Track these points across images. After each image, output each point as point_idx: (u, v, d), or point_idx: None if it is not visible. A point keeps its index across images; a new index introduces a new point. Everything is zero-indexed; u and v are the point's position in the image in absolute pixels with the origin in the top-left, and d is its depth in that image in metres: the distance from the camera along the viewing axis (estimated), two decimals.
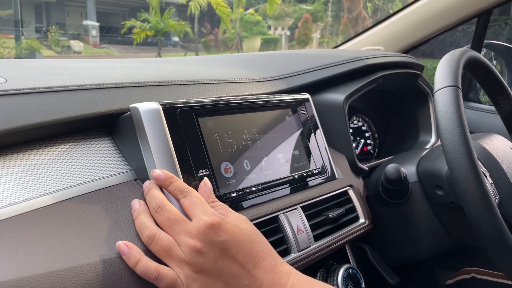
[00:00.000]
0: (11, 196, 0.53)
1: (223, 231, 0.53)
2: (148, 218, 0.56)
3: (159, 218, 0.55)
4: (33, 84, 0.61)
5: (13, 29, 12.25)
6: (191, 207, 0.56)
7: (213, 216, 0.54)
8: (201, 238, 0.52)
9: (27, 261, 0.46)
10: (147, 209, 0.57)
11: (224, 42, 17.10)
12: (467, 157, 0.66)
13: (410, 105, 1.23)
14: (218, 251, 0.52)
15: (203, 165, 0.64)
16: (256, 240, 0.56)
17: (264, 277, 0.53)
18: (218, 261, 0.52)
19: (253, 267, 0.53)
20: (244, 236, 0.54)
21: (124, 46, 16.28)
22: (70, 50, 14.84)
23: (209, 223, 0.53)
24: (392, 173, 0.85)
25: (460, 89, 0.72)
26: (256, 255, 0.54)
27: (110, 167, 0.63)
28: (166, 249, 0.53)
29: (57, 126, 0.59)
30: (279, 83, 0.91)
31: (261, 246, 0.56)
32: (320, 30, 17.88)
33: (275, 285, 0.53)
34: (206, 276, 0.52)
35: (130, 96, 0.67)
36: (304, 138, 0.82)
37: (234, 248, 0.53)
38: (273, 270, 0.54)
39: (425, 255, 0.93)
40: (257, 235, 0.57)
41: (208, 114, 0.69)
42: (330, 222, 0.78)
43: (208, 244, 0.52)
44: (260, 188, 0.70)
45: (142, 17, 14.46)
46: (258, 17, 17.87)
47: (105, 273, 0.49)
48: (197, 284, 0.51)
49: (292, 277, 0.55)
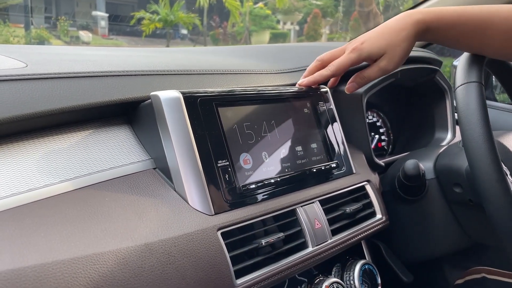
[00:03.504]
0: (32, 182, 0.52)
1: None
2: None
3: None
4: (54, 69, 0.60)
5: (22, 14, 12.27)
6: None
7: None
8: None
9: (48, 247, 0.46)
10: None
11: (232, 35, 17.05)
12: (489, 154, 0.65)
13: (426, 101, 1.21)
14: None
15: (222, 155, 0.64)
16: None
17: None
18: None
19: None
20: None
21: (133, 38, 16.26)
22: (79, 40, 14.85)
23: None
24: (410, 169, 0.84)
25: (483, 85, 0.70)
26: None
27: (129, 155, 0.63)
28: None
29: (77, 113, 0.59)
30: (298, 75, 0.90)
31: None
32: (329, 25, 17.77)
33: None
34: None
35: (150, 84, 0.67)
36: (322, 131, 0.81)
37: None
38: None
39: (440, 253, 0.92)
40: None
41: (228, 104, 0.68)
42: (347, 217, 0.77)
43: None
44: (278, 180, 0.69)
45: (151, 8, 14.43)
46: (267, 11, 17.78)
47: (125, 261, 0.49)
48: None
49: None
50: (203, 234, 0.56)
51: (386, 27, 0.72)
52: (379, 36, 0.72)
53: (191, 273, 0.53)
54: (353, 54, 0.72)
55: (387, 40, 0.71)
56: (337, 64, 0.74)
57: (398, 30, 0.71)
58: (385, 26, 0.72)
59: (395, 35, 0.71)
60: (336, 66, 0.74)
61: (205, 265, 0.55)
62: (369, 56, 0.73)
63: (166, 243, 0.53)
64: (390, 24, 0.72)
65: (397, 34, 0.71)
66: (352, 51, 0.72)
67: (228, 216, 0.60)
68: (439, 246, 0.91)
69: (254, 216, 0.63)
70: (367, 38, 0.72)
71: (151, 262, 0.51)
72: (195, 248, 0.55)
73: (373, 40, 0.72)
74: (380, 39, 0.72)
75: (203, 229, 0.57)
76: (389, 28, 0.72)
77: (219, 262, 0.56)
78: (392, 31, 0.71)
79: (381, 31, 0.72)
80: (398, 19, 0.72)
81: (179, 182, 0.60)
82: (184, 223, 0.56)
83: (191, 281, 0.53)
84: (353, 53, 0.72)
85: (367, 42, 0.72)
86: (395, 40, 0.71)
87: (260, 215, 0.64)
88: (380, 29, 0.73)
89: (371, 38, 0.72)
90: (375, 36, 0.72)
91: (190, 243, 0.54)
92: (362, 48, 0.72)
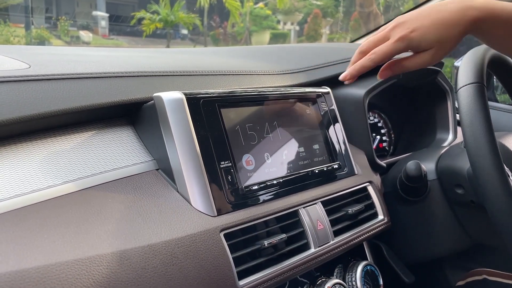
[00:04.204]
0: (35, 183, 0.52)
1: None
2: None
3: None
4: (57, 70, 0.60)
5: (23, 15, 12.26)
6: None
7: None
8: None
9: (52, 248, 0.46)
10: None
11: (233, 35, 17.05)
12: (491, 156, 0.65)
13: (427, 102, 1.22)
14: None
15: (225, 156, 0.64)
16: None
17: None
18: None
19: None
20: None
21: (133, 38, 16.26)
22: (79, 40, 14.84)
23: None
24: (412, 170, 0.84)
25: (485, 87, 0.71)
26: None
27: (132, 156, 0.63)
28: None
29: (80, 114, 0.59)
30: (300, 76, 0.90)
31: None
32: (329, 25, 17.77)
33: None
34: None
35: (153, 85, 0.67)
36: (324, 132, 0.81)
37: None
38: None
39: (442, 254, 0.92)
40: None
41: (231, 105, 0.68)
42: (349, 218, 0.77)
43: None
44: (281, 181, 0.69)
45: (152, 8, 14.43)
46: (267, 11, 17.78)
47: (129, 262, 0.49)
48: None
49: None
50: (206, 235, 0.56)
51: (439, 18, 0.65)
52: (431, 27, 0.65)
53: (194, 274, 0.53)
54: (401, 43, 0.66)
55: (439, 33, 0.65)
56: (381, 52, 0.67)
57: (452, 25, 0.65)
58: (438, 15, 0.65)
59: (448, 30, 0.65)
60: (379, 55, 0.67)
61: (208, 266, 0.55)
62: (417, 48, 0.66)
63: (169, 244, 0.53)
64: (443, 15, 0.65)
65: (451, 29, 0.65)
66: (399, 40, 0.65)
67: (230, 217, 0.60)
68: (441, 247, 0.91)
69: (256, 217, 0.63)
70: (418, 26, 0.65)
71: (154, 263, 0.51)
72: (198, 249, 0.55)
73: (425, 30, 0.65)
74: (432, 30, 0.65)
75: (206, 230, 0.57)
76: (442, 20, 0.65)
77: (222, 263, 0.56)
78: (446, 24, 0.65)
79: (433, 22, 0.65)
80: (453, 12, 0.65)
81: (181, 183, 0.60)
82: (187, 224, 0.56)
83: (194, 282, 0.53)
84: (401, 42, 0.65)
85: (418, 31, 0.65)
86: (447, 35, 0.65)
87: (263, 216, 0.64)
88: (433, 18, 0.65)
89: (422, 27, 0.65)
90: (427, 26, 0.65)
91: (193, 244, 0.54)
92: (412, 38, 0.65)
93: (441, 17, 0.65)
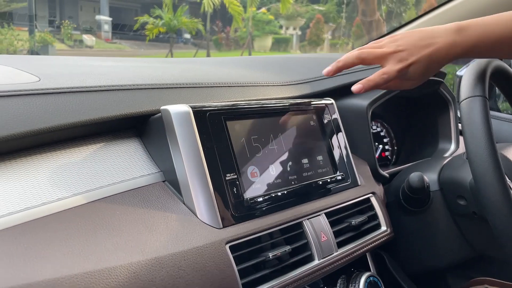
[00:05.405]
0: (45, 195, 0.53)
1: None
2: None
3: None
4: (66, 84, 0.62)
5: (27, 22, 12.34)
6: None
7: None
8: None
9: (62, 261, 0.46)
10: None
11: (235, 40, 17.11)
12: (494, 168, 0.66)
13: (430, 112, 1.22)
14: None
15: (230, 168, 0.65)
16: None
17: None
18: None
19: None
20: None
21: (136, 42, 16.34)
22: (83, 44, 14.92)
23: None
24: (415, 181, 0.85)
25: (487, 99, 0.71)
26: None
27: (139, 168, 0.64)
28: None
29: (88, 127, 0.60)
30: (304, 87, 0.91)
31: None
32: (331, 31, 17.81)
33: None
34: None
35: (160, 97, 0.68)
36: (328, 144, 0.82)
37: None
38: None
39: (444, 265, 0.93)
40: None
41: (236, 117, 0.69)
42: (352, 229, 0.78)
43: None
44: (285, 193, 0.70)
45: (155, 13, 14.51)
46: (270, 17, 17.85)
47: (136, 275, 0.50)
48: None
49: None
50: (212, 248, 0.57)
51: (430, 53, 0.67)
52: (423, 61, 0.67)
53: (201, 287, 0.54)
54: (399, 74, 0.67)
55: (428, 68, 0.68)
56: (384, 80, 0.68)
57: (439, 62, 0.68)
58: (430, 50, 0.67)
59: (435, 65, 0.68)
60: (379, 83, 0.68)
61: (214, 279, 0.56)
62: (406, 78, 0.69)
63: (176, 256, 0.53)
64: (432, 51, 0.67)
65: (438, 65, 0.68)
66: (399, 72, 0.67)
67: (236, 230, 0.61)
68: (443, 258, 0.91)
69: (261, 229, 0.64)
70: (415, 60, 0.67)
71: (161, 276, 0.51)
72: (204, 261, 0.55)
73: (419, 65, 0.67)
74: (423, 65, 0.67)
75: (212, 243, 0.57)
76: (431, 56, 0.67)
77: (228, 275, 0.57)
78: (434, 60, 0.67)
79: (425, 57, 0.67)
80: (440, 48, 0.67)
81: (188, 195, 0.61)
82: (193, 237, 0.57)
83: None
84: (399, 73, 0.67)
85: (414, 66, 0.67)
86: (433, 70, 0.69)
87: (267, 228, 0.65)
88: (426, 53, 0.67)
89: (418, 62, 0.67)
90: (421, 61, 0.67)
91: (200, 257, 0.55)
92: (408, 71, 0.68)
93: (430, 53, 0.67)
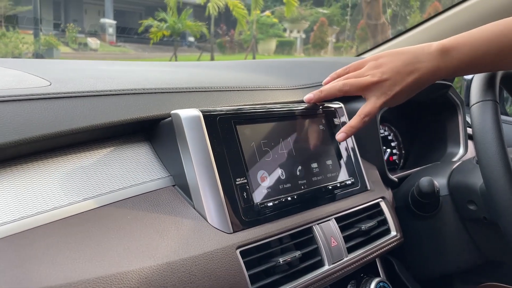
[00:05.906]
0: (56, 200, 0.53)
1: None
2: None
3: None
4: (77, 88, 0.62)
5: (32, 26, 12.42)
6: None
7: None
8: None
9: (73, 266, 0.46)
10: None
11: (239, 43, 17.14)
12: (505, 173, 0.65)
13: (438, 116, 1.22)
14: None
15: (240, 173, 0.64)
16: None
17: None
18: None
19: None
20: None
21: (140, 45, 16.39)
22: (87, 47, 14.98)
23: None
24: (425, 186, 0.84)
25: (498, 104, 0.71)
26: None
27: (149, 172, 0.63)
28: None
29: (99, 131, 0.60)
30: (312, 91, 0.90)
31: None
32: (336, 34, 17.81)
33: None
34: None
35: (170, 101, 0.68)
36: (337, 148, 0.81)
37: None
38: None
39: (454, 270, 0.92)
40: None
41: (246, 122, 0.69)
42: (362, 234, 0.77)
43: None
44: (295, 197, 0.70)
45: (159, 16, 14.56)
46: (274, 20, 17.87)
47: (148, 280, 0.49)
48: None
49: None
50: (222, 253, 0.57)
51: (415, 79, 0.69)
52: (407, 89, 0.70)
53: None
54: (383, 104, 0.70)
55: (411, 93, 0.72)
56: (367, 112, 0.71)
57: (422, 85, 0.71)
58: (415, 76, 0.69)
59: (418, 89, 0.71)
60: (370, 116, 0.72)
61: (224, 284, 0.55)
62: (390, 105, 0.73)
63: (187, 262, 0.53)
64: (422, 79, 0.69)
65: (425, 87, 0.71)
66: (382, 105, 0.70)
67: (246, 234, 0.61)
68: (452, 263, 0.90)
69: (271, 234, 0.63)
70: (399, 90, 0.69)
71: (173, 281, 0.51)
72: (215, 267, 0.55)
73: (404, 93, 0.70)
74: (406, 92, 0.70)
75: (222, 248, 0.57)
76: (417, 82, 0.69)
77: (238, 281, 0.57)
78: (418, 85, 0.70)
79: (410, 84, 0.69)
80: (425, 74, 0.69)
81: (198, 200, 0.61)
82: (204, 242, 0.57)
83: None
84: (384, 104, 0.70)
85: (397, 95, 0.70)
86: (419, 91, 0.72)
87: (278, 233, 0.64)
88: (411, 81, 0.69)
89: (401, 92, 0.70)
90: (405, 89, 0.69)
91: (210, 262, 0.55)
92: (391, 101, 0.71)
93: (414, 79, 0.69)
